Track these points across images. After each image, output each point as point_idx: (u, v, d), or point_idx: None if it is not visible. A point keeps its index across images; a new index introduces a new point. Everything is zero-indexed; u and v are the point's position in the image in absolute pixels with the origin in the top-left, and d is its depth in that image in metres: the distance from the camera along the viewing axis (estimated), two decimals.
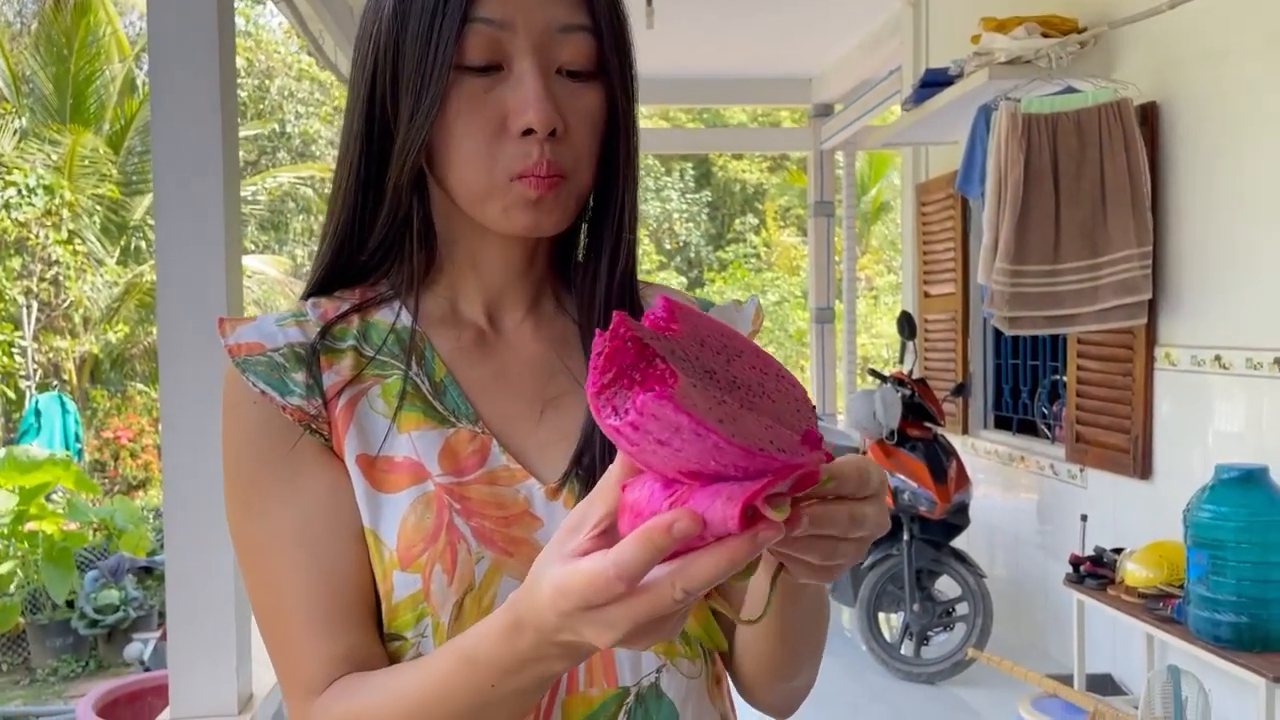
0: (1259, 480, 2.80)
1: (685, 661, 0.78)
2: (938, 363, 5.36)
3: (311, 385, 0.74)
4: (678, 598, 0.49)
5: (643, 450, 0.48)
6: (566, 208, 0.75)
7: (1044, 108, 3.50)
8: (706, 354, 0.50)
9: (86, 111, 11.30)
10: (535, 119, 0.70)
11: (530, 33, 0.71)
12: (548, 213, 0.73)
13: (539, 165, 0.71)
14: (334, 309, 0.79)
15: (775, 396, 0.51)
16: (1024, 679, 3.29)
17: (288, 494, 0.74)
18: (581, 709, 0.74)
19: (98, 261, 10.48)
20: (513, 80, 0.71)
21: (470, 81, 0.71)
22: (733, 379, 0.50)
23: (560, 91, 0.72)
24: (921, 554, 4.12)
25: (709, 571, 0.48)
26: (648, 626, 0.51)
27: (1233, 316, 3.24)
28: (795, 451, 0.49)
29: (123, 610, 5.68)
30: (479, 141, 0.72)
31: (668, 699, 0.76)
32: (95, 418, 10.07)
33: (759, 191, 19.26)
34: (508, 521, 0.74)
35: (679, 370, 0.47)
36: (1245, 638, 2.75)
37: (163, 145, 2.33)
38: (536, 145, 0.71)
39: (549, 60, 0.72)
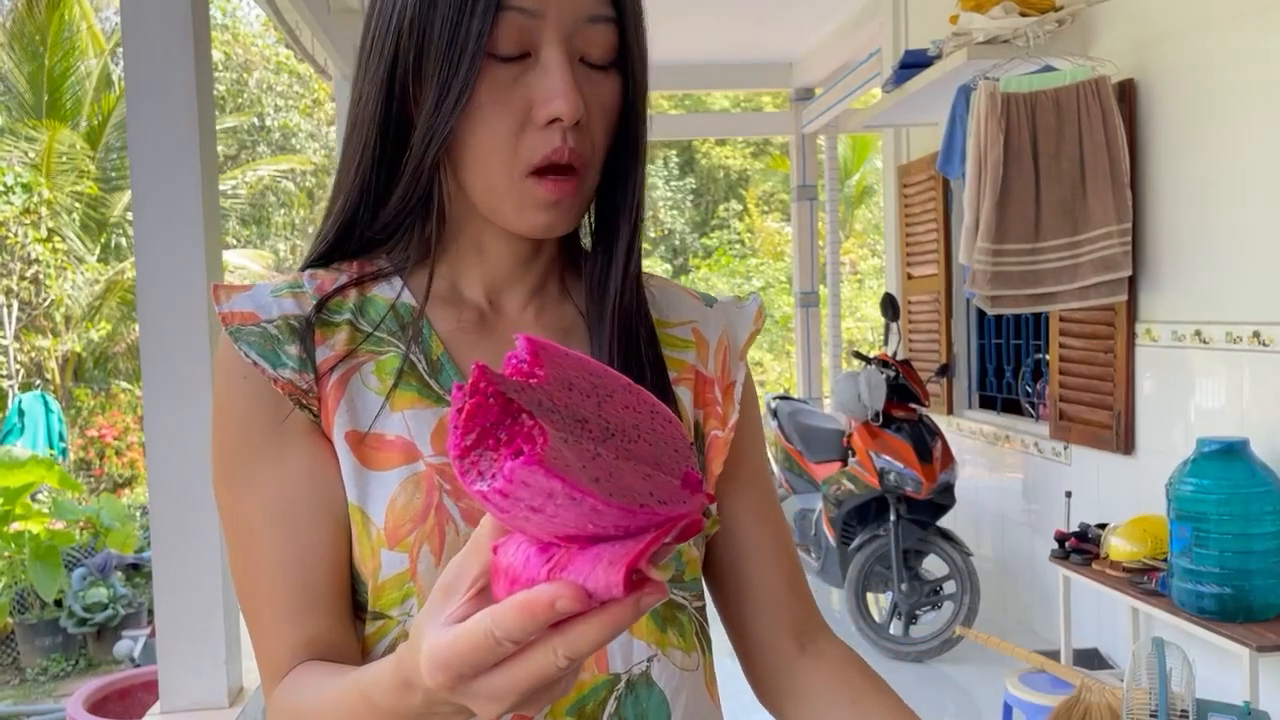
0: (1240, 453, 2.83)
1: (678, 653, 0.78)
2: (922, 344, 5.38)
3: (304, 359, 0.73)
4: (561, 665, 0.46)
5: (514, 517, 0.45)
6: (581, 206, 0.75)
7: (1022, 87, 3.51)
8: (575, 399, 0.46)
9: (63, 108, 11.21)
10: (564, 108, 0.69)
11: (560, 22, 0.70)
12: (564, 213, 0.73)
13: (560, 152, 0.70)
14: (331, 281, 0.78)
15: (651, 439, 0.47)
16: (1011, 655, 3.31)
17: (271, 470, 0.73)
18: (572, 693, 0.74)
19: (78, 259, 10.41)
20: (539, 69, 0.70)
21: (498, 69, 0.70)
22: (606, 425, 0.46)
23: (581, 81, 0.71)
24: (908, 534, 4.15)
25: (593, 638, 0.46)
26: (536, 694, 0.49)
27: (1212, 291, 3.26)
28: (677, 500, 0.46)
29: (111, 608, 5.66)
30: (503, 130, 0.71)
31: (658, 688, 0.76)
32: (79, 416, 10.02)
33: (742, 178, 19.25)
34: None
35: (548, 426, 0.44)
36: (1229, 609, 2.78)
37: (139, 141, 2.32)
38: (560, 133, 0.70)
39: (574, 50, 0.71)
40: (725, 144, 19.21)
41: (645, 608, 0.46)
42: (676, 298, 0.87)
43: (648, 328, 0.81)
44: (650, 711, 0.76)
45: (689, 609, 0.80)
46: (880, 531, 4.18)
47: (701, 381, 0.83)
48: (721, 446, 0.82)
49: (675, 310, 0.86)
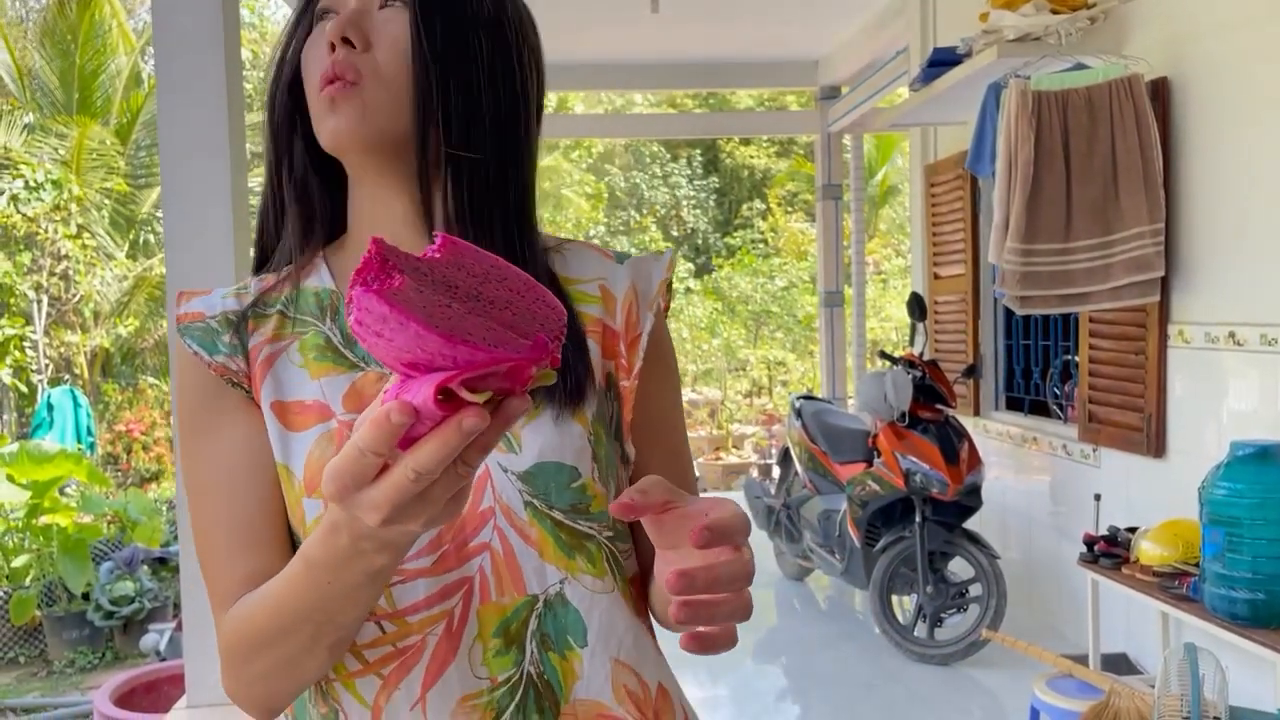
0: (1274, 456, 2.78)
1: (588, 577, 0.86)
2: (948, 344, 5.34)
3: (236, 345, 0.86)
4: (410, 478, 0.55)
5: (369, 344, 0.54)
6: (361, 112, 0.83)
7: (1054, 85, 3.47)
8: (460, 275, 0.54)
9: (93, 105, 11.31)
10: (331, 29, 0.84)
11: None
12: (342, 115, 0.83)
13: (328, 69, 0.83)
14: (271, 283, 0.91)
15: (518, 312, 0.55)
16: (1039, 659, 3.28)
17: (213, 440, 0.86)
18: (495, 615, 0.83)
19: (107, 255, 10.50)
20: None
21: (315, 32, 0.87)
22: (476, 293, 0.54)
23: (377, 21, 0.85)
24: (934, 536, 4.11)
25: (429, 452, 0.54)
26: (410, 506, 0.58)
27: (1246, 292, 3.22)
28: (513, 349, 0.54)
29: (138, 601, 5.71)
30: (310, 71, 0.86)
31: (573, 607, 0.85)
32: (107, 411, 10.11)
33: (767, 177, 19.19)
34: None
35: (407, 278, 0.52)
36: (1262, 615, 2.74)
37: (169, 139, 2.33)
38: (334, 56, 0.84)
39: (369, 3, 0.85)
40: (750, 143, 19.14)
41: (469, 430, 0.53)
42: (585, 257, 0.95)
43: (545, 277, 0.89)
44: (569, 626, 0.85)
45: (597, 538, 0.87)
46: (906, 533, 4.15)
47: (609, 334, 0.91)
48: (629, 396, 0.90)
49: (582, 268, 0.93)
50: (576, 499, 0.85)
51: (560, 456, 0.84)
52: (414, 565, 0.82)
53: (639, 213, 18.80)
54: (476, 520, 0.83)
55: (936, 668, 4.06)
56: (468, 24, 0.86)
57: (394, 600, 0.81)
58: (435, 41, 0.84)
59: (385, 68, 0.84)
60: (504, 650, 0.83)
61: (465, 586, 0.82)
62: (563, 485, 0.84)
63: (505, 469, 0.84)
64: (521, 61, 0.91)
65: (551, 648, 0.84)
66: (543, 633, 0.84)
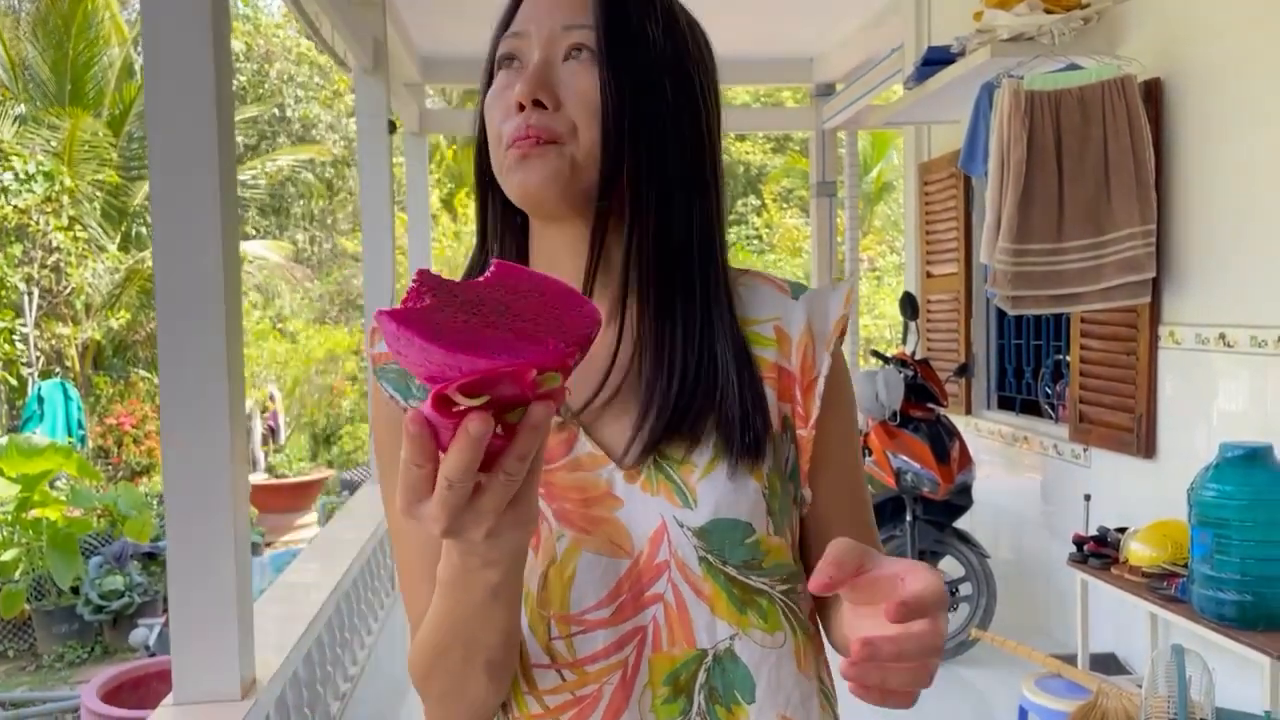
0: (1263, 459, 2.79)
1: (759, 632, 0.86)
2: (940, 343, 5.34)
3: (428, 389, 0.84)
4: (445, 486, 0.58)
5: (399, 361, 0.57)
6: (554, 170, 0.83)
7: (1047, 85, 3.47)
8: (496, 293, 0.59)
9: (85, 97, 11.27)
10: (519, 91, 0.84)
11: (539, 35, 0.86)
12: (534, 172, 0.83)
13: (520, 129, 0.83)
14: None
15: (544, 323, 0.58)
16: (1027, 658, 3.28)
17: None
18: (666, 665, 0.84)
19: (99, 247, 10.47)
20: (523, 71, 0.86)
21: (502, 78, 0.87)
22: (504, 308, 0.58)
23: (563, 74, 0.84)
24: (924, 535, 4.12)
25: (452, 462, 0.57)
26: (462, 516, 0.61)
27: (1237, 294, 3.22)
28: (515, 354, 0.56)
29: (128, 596, 5.70)
30: (496, 120, 0.86)
31: (742, 663, 0.85)
32: (98, 404, 10.09)
33: (761, 173, 19.18)
34: (588, 503, 0.84)
35: (431, 300, 0.57)
36: (1250, 616, 2.75)
37: (158, 132, 2.31)
38: (524, 115, 0.83)
39: (554, 53, 0.85)
40: (745, 139, 19.14)
41: (476, 435, 0.56)
42: (761, 293, 0.93)
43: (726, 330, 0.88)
44: (737, 682, 0.85)
45: (770, 593, 0.87)
46: (896, 532, 4.15)
47: (785, 377, 0.90)
48: (805, 446, 0.89)
49: (759, 307, 0.92)
50: (750, 555, 0.85)
51: (735, 513, 0.84)
52: (594, 616, 0.83)
53: None
54: (653, 572, 0.84)
55: None
56: (654, 71, 0.86)
57: (574, 650, 0.83)
58: (624, 96, 0.84)
59: (580, 126, 0.84)
60: (672, 699, 0.84)
61: (639, 635, 0.84)
62: (737, 541, 0.84)
63: (681, 524, 0.84)
64: (704, 96, 0.90)
65: (719, 701, 0.84)
66: (711, 686, 0.84)
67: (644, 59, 0.85)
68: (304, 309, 13.12)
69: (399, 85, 6.12)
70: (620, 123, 0.84)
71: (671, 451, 0.84)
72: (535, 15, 0.86)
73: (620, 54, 0.84)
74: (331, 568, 3.70)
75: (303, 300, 13.16)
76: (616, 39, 0.84)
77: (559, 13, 0.86)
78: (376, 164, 5.34)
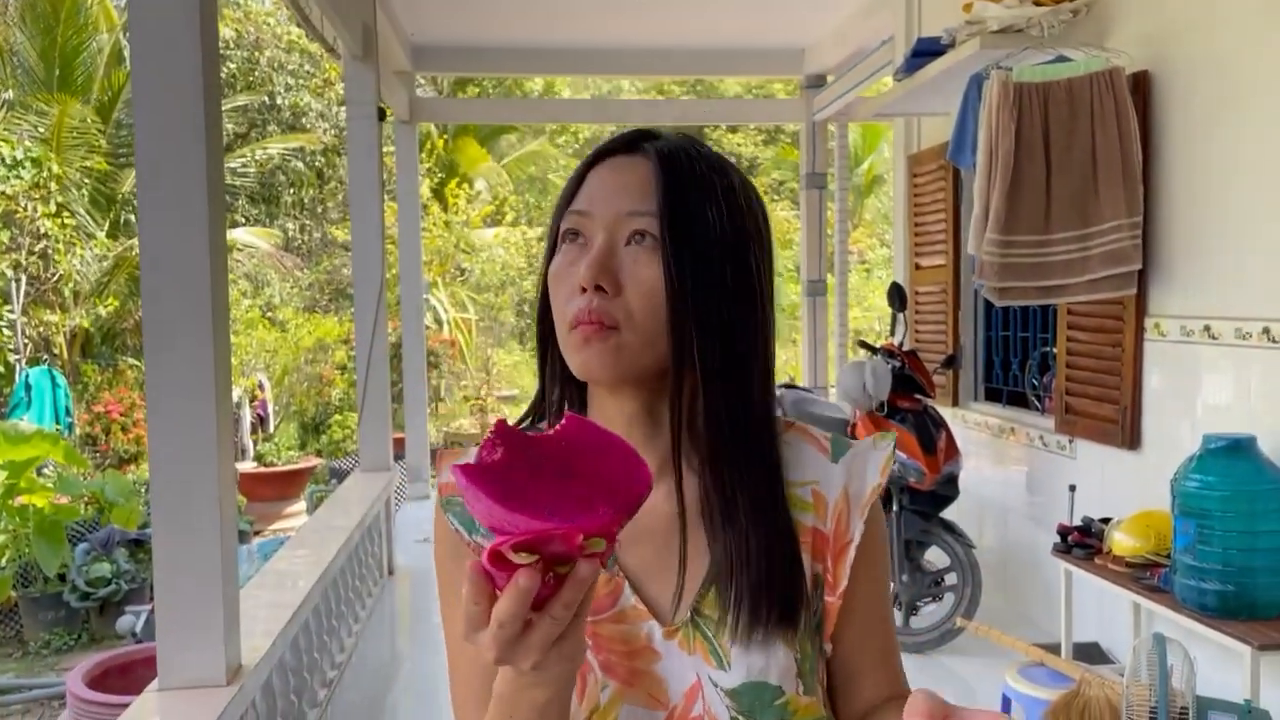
0: (1246, 450, 2.81)
1: None
2: (928, 335, 5.36)
3: None
4: (496, 625, 0.65)
5: (468, 508, 0.65)
6: (614, 356, 0.87)
7: (1036, 76, 3.48)
8: (561, 449, 0.66)
9: (74, 83, 11.20)
10: (583, 277, 0.87)
11: (604, 218, 0.89)
12: (595, 356, 0.87)
13: (583, 313, 0.87)
14: None
15: (600, 485, 0.65)
16: (1011, 648, 3.30)
17: None
18: None
19: (87, 235, 10.41)
20: (589, 252, 0.88)
21: (566, 252, 0.90)
22: (567, 467, 0.66)
23: (625, 259, 0.88)
24: (911, 525, 4.13)
25: (504, 607, 0.64)
26: (512, 649, 0.66)
27: (1222, 287, 3.24)
28: (568, 518, 0.63)
29: (115, 583, 5.69)
30: (563, 294, 0.89)
31: None
32: (86, 392, 10.05)
33: (753, 166, 19.17)
34: (631, 655, 0.89)
35: (504, 455, 0.65)
36: (1231, 606, 2.77)
37: (145, 119, 2.31)
38: (586, 298, 0.87)
39: (617, 236, 0.88)
40: (737, 131, 19.12)
41: (524, 588, 0.63)
42: (803, 453, 0.96)
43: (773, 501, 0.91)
44: None
45: None
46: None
47: (819, 538, 0.93)
48: (832, 612, 0.92)
49: (800, 469, 0.95)
50: (780, 715, 0.88)
51: (766, 676, 0.87)
52: None
53: None
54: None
55: (911, 655, 4.09)
56: (714, 258, 0.88)
57: None
58: (686, 282, 0.87)
59: (638, 313, 0.87)
60: None
61: None
62: (767, 703, 0.87)
63: (715, 684, 0.87)
64: (760, 271, 0.93)
65: None
66: None
67: (704, 247, 0.88)
68: (294, 297, 13.08)
69: (389, 73, 6.11)
70: (681, 311, 0.87)
71: (709, 612, 0.88)
72: (601, 196, 0.89)
73: (682, 244, 0.87)
74: (319, 555, 3.71)
75: (292, 289, 13.12)
76: (679, 228, 0.87)
77: (624, 197, 0.89)
78: (366, 151, 5.33)
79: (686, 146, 0.91)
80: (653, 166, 0.89)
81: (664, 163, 0.89)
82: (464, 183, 13.94)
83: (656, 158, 0.89)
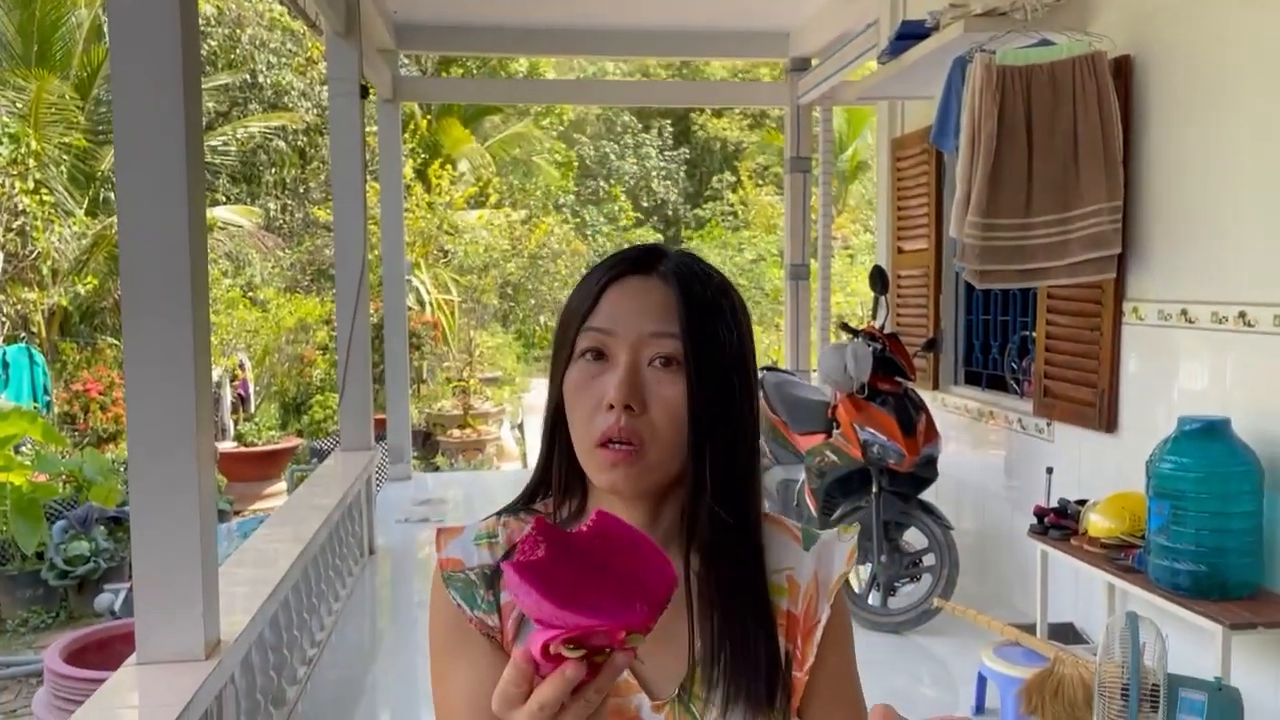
0: (1220, 432, 2.84)
1: None
2: (910, 318, 5.38)
3: (491, 603, 0.97)
4: (535, 708, 0.69)
5: (517, 604, 0.72)
6: (641, 475, 0.93)
7: (1019, 60, 3.48)
8: (598, 545, 0.73)
9: (52, 58, 11.07)
10: (615, 396, 0.92)
11: (627, 338, 0.94)
12: (622, 477, 0.93)
13: (613, 429, 0.92)
14: (519, 531, 1.00)
15: (634, 582, 0.71)
16: (987, 628, 3.34)
17: (464, 672, 0.97)
18: None
19: (66, 212, 10.32)
20: (611, 370, 0.94)
21: (587, 367, 0.95)
22: (603, 563, 0.72)
23: (649, 379, 0.93)
24: (890, 506, 4.16)
25: (545, 693, 0.69)
26: None
27: (1200, 271, 3.27)
28: (612, 615, 0.69)
29: (93, 561, 5.66)
30: (585, 411, 0.94)
31: None
32: (65, 371, 9.98)
33: (738, 150, 19.15)
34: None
35: (546, 552, 0.71)
36: (1203, 586, 2.80)
37: (123, 97, 2.29)
38: (615, 416, 0.92)
39: (641, 357, 0.94)
40: (722, 115, 19.09)
41: (570, 678, 0.68)
42: (779, 543, 1.03)
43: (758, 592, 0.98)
44: None
45: None
46: (862, 503, 4.20)
47: (791, 620, 1.00)
48: (799, 686, 0.99)
49: (777, 558, 1.02)
50: None
51: None
52: None
53: (608, 182, 18.72)
54: None
55: (889, 635, 4.13)
56: (728, 375, 0.95)
57: None
58: (705, 406, 0.94)
59: (663, 431, 0.93)
60: None
61: None
62: None
63: None
64: (755, 377, 1.01)
65: None
66: None
67: (720, 366, 0.95)
68: (275, 277, 13.00)
69: (372, 51, 6.06)
70: (700, 430, 0.94)
71: (696, 690, 0.96)
72: (624, 317, 0.95)
73: (703, 366, 0.94)
74: (299, 533, 3.70)
75: (274, 269, 13.04)
76: (701, 351, 0.94)
77: (647, 319, 0.94)
78: (348, 128, 5.29)
79: (695, 267, 0.98)
80: (673, 290, 0.95)
81: (683, 285, 0.95)
82: (447, 164, 13.87)
83: (676, 281, 0.95)
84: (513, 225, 14.15)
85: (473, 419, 10.97)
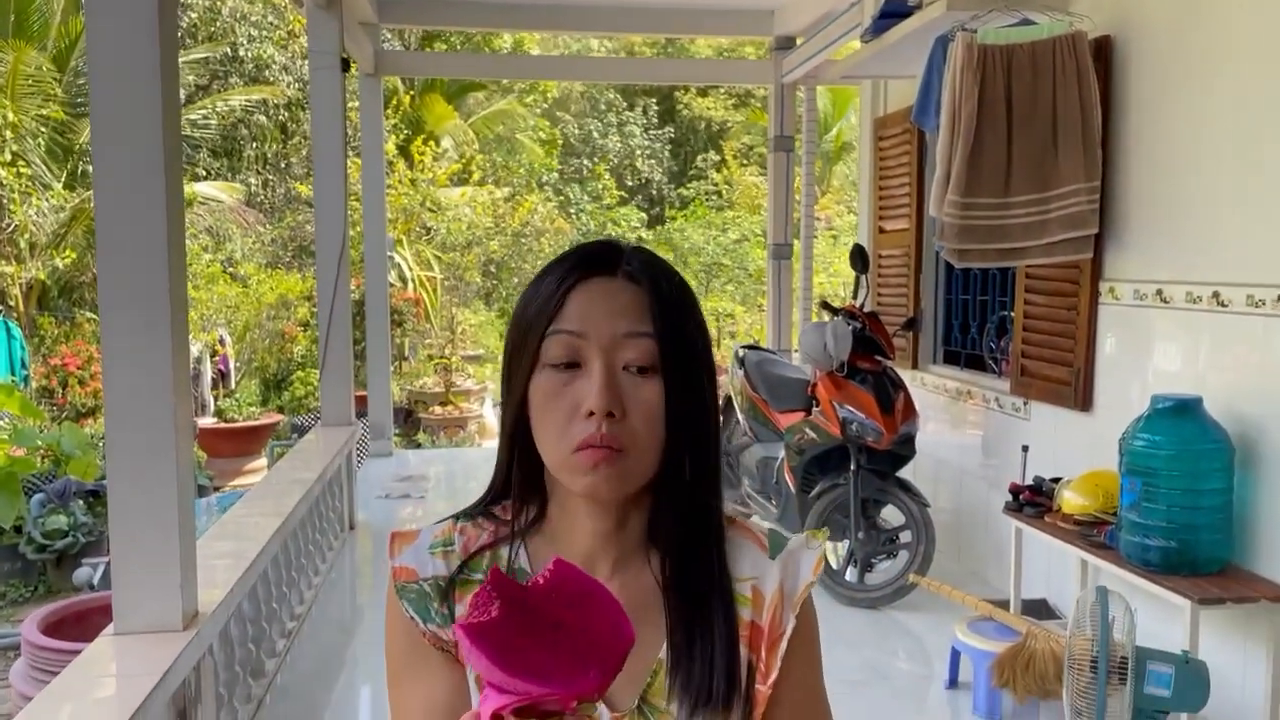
0: (1192, 410, 2.87)
1: None
2: (890, 297, 5.40)
3: (445, 615, 0.96)
4: None
5: (469, 664, 0.72)
6: (622, 478, 0.91)
7: (1000, 39, 3.49)
8: (552, 601, 0.72)
9: (29, 29, 10.93)
10: (595, 403, 0.89)
11: (600, 340, 0.91)
12: (604, 480, 0.90)
13: (594, 437, 0.89)
14: (475, 539, 0.99)
15: (589, 641, 0.71)
16: (962, 603, 3.38)
17: (420, 678, 0.97)
18: None
19: (44, 185, 10.22)
20: (585, 375, 0.90)
21: (555, 375, 0.92)
22: (558, 621, 0.72)
23: (625, 384, 0.91)
24: (868, 484, 4.19)
25: None
26: None
27: (1176, 252, 3.29)
28: (563, 682, 0.69)
29: (72, 535, 5.64)
30: (559, 419, 0.91)
31: None
32: (43, 345, 9.91)
33: (723, 129, 19.10)
34: None
35: (505, 607, 0.71)
36: (1173, 562, 2.84)
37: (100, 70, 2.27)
38: (596, 423, 0.89)
39: (616, 360, 0.91)
40: (707, 94, 19.02)
41: None
42: (743, 550, 1.01)
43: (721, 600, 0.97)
44: None
45: None
46: (840, 480, 4.22)
47: (755, 631, 0.98)
48: (761, 700, 0.97)
49: (740, 565, 1.00)
50: None
51: None
52: None
53: (592, 160, 18.65)
54: None
55: (865, 611, 4.17)
56: (699, 373, 0.94)
57: None
58: (682, 406, 0.92)
59: (643, 435, 0.91)
60: None
61: None
62: None
63: None
64: (715, 374, 0.99)
65: None
66: None
67: (692, 364, 0.94)
68: (256, 253, 12.92)
69: (354, 24, 6.01)
70: (677, 431, 0.92)
71: (656, 701, 0.94)
72: (595, 319, 0.91)
73: (678, 366, 0.92)
74: (278, 507, 3.70)
75: (255, 244, 12.96)
76: (676, 351, 0.92)
77: (620, 320, 0.91)
78: (329, 102, 5.26)
79: (659, 265, 0.96)
80: (644, 289, 0.93)
81: (653, 284, 0.93)
82: (430, 140, 13.79)
83: (647, 281, 0.93)
84: (496, 203, 14.09)
85: (454, 396, 10.95)
